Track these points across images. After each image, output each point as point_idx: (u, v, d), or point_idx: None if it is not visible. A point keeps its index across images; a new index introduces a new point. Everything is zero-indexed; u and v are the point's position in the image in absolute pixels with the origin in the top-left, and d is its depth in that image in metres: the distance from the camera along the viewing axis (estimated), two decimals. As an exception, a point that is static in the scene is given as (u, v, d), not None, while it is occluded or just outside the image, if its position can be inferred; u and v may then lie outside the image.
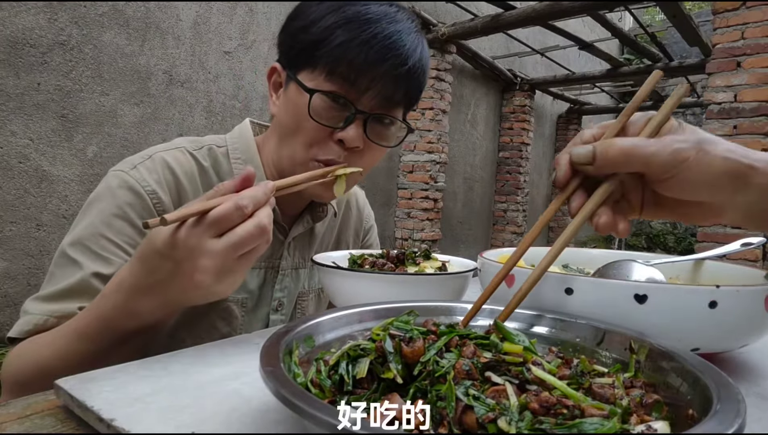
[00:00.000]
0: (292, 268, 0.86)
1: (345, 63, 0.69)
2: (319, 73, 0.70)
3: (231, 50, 3.42)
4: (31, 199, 2.54)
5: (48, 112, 2.57)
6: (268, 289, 0.84)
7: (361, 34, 0.68)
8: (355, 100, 0.71)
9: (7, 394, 0.62)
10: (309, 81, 0.71)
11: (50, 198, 2.61)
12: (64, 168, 2.65)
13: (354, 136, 0.71)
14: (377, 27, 0.69)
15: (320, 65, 0.70)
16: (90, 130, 2.74)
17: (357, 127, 0.71)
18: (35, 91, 2.52)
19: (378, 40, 0.68)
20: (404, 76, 0.71)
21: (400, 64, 0.70)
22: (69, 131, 2.66)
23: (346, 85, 0.70)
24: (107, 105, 2.80)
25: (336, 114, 0.71)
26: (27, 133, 2.51)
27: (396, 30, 0.70)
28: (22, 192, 2.51)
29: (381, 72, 0.69)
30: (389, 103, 0.73)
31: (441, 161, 4.96)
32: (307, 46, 0.71)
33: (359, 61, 0.68)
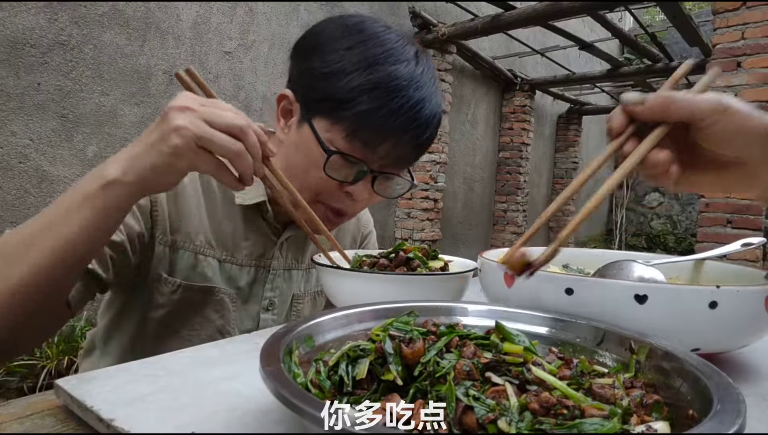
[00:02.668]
0: (284, 269, 0.87)
1: (368, 130, 0.69)
2: (338, 130, 0.70)
3: (231, 50, 3.42)
4: (31, 199, 2.54)
5: (48, 112, 2.57)
6: (259, 288, 0.84)
7: (388, 104, 0.68)
8: (369, 161, 0.72)
9: None
10: (324, 131, 0.71)
11: (50, 198, 2.61)
12: (64, 168, 2.65)
13: (362, 191, 0.74)
14: (404, 96, 0.69)
15: (341, 124, 0.70)
16: (90, 130, 2.74)
17: (366, 182, 0.74)
18: (35, 91, 2.52)
19: (404, 111, 0.69)
20: (423, 143, 0.74)
21: (421, 134, 0.72)
22: (69, 131, 2.66)
23: (365, 149, 0.71)
24: (107, 105, 2.80)
25: (347, 169, 0.73)
26: (27, 133, 2.51)
27: (420, 98, 0.70)
28: (22, 192, 2.51)
29: (401, 141, 0.71)
30: (401, 164, 0.76)
31: (441, 161, 4.96)
32: (330, 99, 0.70)
33: (382, 130, 0.69)
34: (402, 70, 0.69)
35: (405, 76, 0.69)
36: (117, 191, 0.55)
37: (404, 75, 0.69)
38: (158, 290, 0.77)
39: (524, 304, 0.51)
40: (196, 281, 0.78)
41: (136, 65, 2.91)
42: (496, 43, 6.05)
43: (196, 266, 0.78)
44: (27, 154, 2.52)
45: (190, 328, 0.78)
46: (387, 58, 0.69)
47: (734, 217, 3.07)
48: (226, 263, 0.81)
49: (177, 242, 0.77)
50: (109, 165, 0.55)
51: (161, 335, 0.78)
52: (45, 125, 2.57)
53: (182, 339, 0.78)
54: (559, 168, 7.98)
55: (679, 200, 9.04)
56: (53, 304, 0.61)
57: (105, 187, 0.54)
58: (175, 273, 0.77)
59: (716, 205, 3.14)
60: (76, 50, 2.65)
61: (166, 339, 0.77)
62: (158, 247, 0.76)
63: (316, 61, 0.72)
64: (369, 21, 0.74)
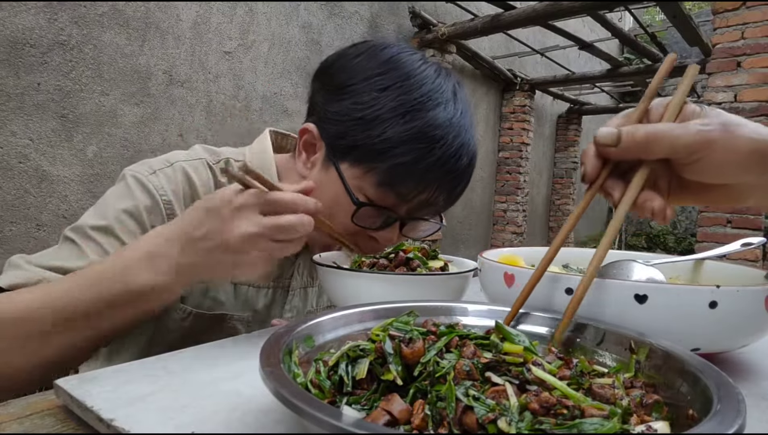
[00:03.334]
0: (301, 287, 0.85)
1: (404, 183, 0.65)
2: (369, 179, 0.66)
3: (231, 50, 3.42)
4: (31, 199, 2.54)
5: (48, 112, 2.57)
6: (277, 309, 0.82)
7: (427, 156, 0.64)
8: (400, 210, 0.69)
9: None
10: (354, 178, 0.67)
11: (50, 198, 2.61)
12: (64, 168, 2.65)
13: (390, 238, 0.71)
14: (443, 146, 0.64)
15: (374, 174, 0.66)
16: (90, 130, 2.74)
17: (394, 229, 0.71)
18: (35, 91, 2.52)
19: (443, 161, 0.65)
20: (456, 193, 0.70)
21: (458, 183, 0.69)
22: (69, 131, 2.66)
23: (398, 200, 0.67)
24: (107, 105, 2.80)
25: (376, 217, 0.69)
26: (27, 133, 2.51)
27: (460, 144, 0.66)
28: (22, 192, 2.51)
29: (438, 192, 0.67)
30: (434, 211, 0.72)
31: (441, 161, 4.96)
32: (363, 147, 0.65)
33: (420, 183, 0.66)
34: (441, 116, 0.65)
35: (444, 124, 0.65)
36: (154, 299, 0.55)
37: (444, 122, 0.65)
38: (169, 315, 0.74)
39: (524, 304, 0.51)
40: (207, 308, 0.75)
41: (136, 65, 2.91)
42: (496, 42, 6.05)
43: (208, 291, 0.75)
44: (27, 154, 2.52)
45: None
46: (425, 102, 0.64)
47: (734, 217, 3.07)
48: (242, 286, 0.78)
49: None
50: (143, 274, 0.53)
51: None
52: (45, 125, 2.57)
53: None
54: (559, 168, 7.98)
55: (679, 200, 9.02)
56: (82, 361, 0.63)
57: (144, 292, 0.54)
58: (187, 299, 0.74)
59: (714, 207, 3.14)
60: (76, 50, 2.65)
61: None
62: None
63: (347, 102, 0.67)
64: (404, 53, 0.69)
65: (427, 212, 0.72)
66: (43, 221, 2.59)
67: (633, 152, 0.45)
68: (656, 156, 0.45)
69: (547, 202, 7.95)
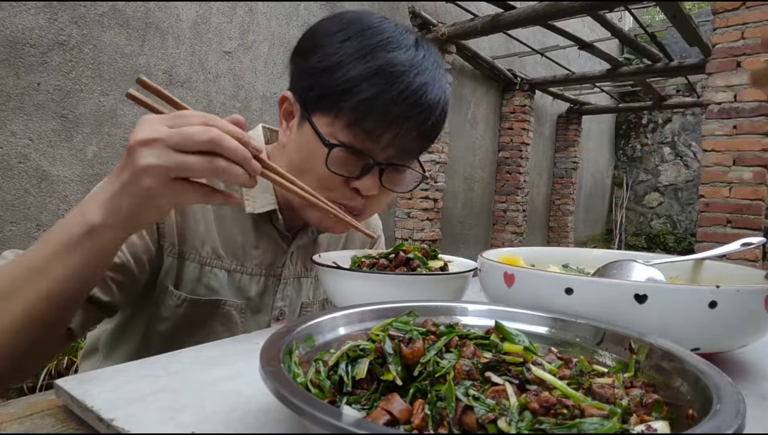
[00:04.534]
0: (294, 277, 0.86)
1: (370, 119, 0.67)
2: (338, 122, 0.68)
3: (231, 50, 3.42)
4: (31, 199, 2.54)
5: (48, 112, 2.57)
6: (269, 297, 0.83)
7: (389, 90, 0.66)
8: (374, 153, 0.70)
9: None
10: (326, 126, 0.69)
11: (50, 198, 2.61)
12: (64, 168, 2.65)
13: (370, 186, 0.71)
14: (405, 81, 0.66)
15: (341, 115, 0.68)
16: (90, 130, 2.74)
17: (373, 176, 0.71)
18: (35, 91, 2.52)
19: (405, 95, 0.66)
20: (428, 130, 0.70)
21: (425, 120, 0.69)
22: (69, 131, 2.66)
23: (367, 139, 0.68)
24: (107, 105, 2.80)
25: (352, 164, 0.70)
26: (27, 133, 2.51)
27: (423, 82, 0.68)
28: (22, 192, 2.51)
29: (404, 129, 0.68)
30: (407, 154, 0.73)
31: (441, 161, 4.96)
32: (329, 93, 0.68)
33: (384, 118, 0.67)
34: (401, 56, 0.67)
35: (405, 62, 0.67)
36: (101, 237, 0.52)
37: (404, 61, 0.67)
38: (164, 303, 0.75)
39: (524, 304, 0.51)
40: (201, 294, 0.76)
41: (135, 65, 2.91)
42: (496, 42, 6.05)
43: (201, 278, 0.76)
44: (27, 154, 2.52)
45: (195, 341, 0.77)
46: (385, 45, 0.67)
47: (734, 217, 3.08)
48: (235, 273, 0.79)
49: (184, 253, 0.75)
50: (90, 207, 0.51)
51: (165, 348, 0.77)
52: (45, 125, 2.57)
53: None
54: (559, 168, 7.98)
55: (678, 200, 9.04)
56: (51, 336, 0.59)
57: (88, 233, 0.51)
58: (181, 286, 0.75)
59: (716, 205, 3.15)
60: (75, 50, 2.65)
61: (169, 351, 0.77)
62: (167, 258, 0.74)
63: (314, 58, 0.70)
64: (366, 14, 0.72)
65: (402, 158, 0.72)
66: (43, 221, 2.59)
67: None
68: None
69: (547, 202, 7.95)
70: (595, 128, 9.19)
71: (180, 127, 0.49)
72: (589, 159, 8.98)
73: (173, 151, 0.48)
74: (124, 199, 0.50)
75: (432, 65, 0.70)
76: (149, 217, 0.53)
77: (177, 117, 0.50)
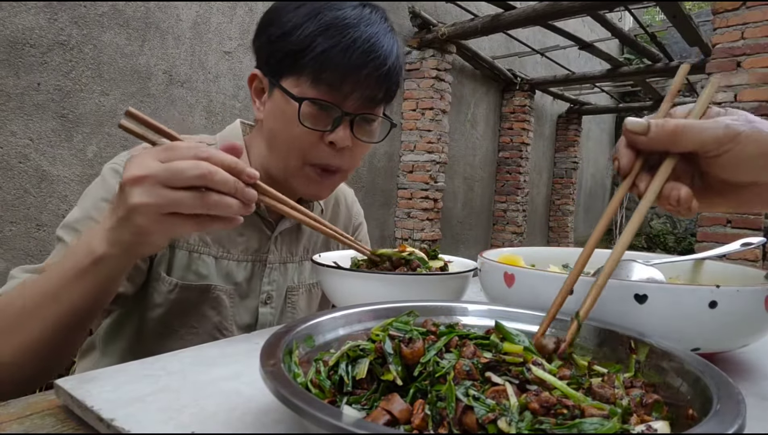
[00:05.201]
0: (279, 263, 0.88)
1: (329, 70, 0.71)
2: (304, 81, 0.72)
3: (231, 50, 3.42)
4: (31, 199, 2.54)
5: (48, 112, 2.57)
6: (256, 282, 0.85)
7: (342, 40, 0.70)
8: (341, 104, 0.74)
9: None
10: (293, 88, 0.73)
11: (50, 198, 2.61)
12: (64, 168, 2.65)
13: (343, 137, 0.74)
14: (356, 32, 0.71)
15: (304, 73, 0.72)
16: (90, 130, 2.74)
17: (345, 128, 0.75)
18: (35, 91, 2.52)
19: (358, 44, 0.71)
20: (384, 76, 0.74)
21: (381, 66, 0.73)
22: (69, 131, 2.66)
23: (332, 90, 0.72)
24: (107, 105, 2.80)
25: (324, 118, 0.74)
26: (27, 133, 2.51)
27: (373, 32, 0.73)
28: (22, 192, 2.51)
29: (363, 75, 0.72)
30: (372, 102, 0.76)
31: (441, 161, 4.96)
32: (289, 54, 0.72)
33: (343, 66, 0.71)
34: (350, 12, 0.73)
35: (354, 16, 0.72)
36: (107, 265, 0.55)
37: (353, 15, 0.72)
38: (156, 290, 0.77)
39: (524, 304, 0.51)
40: (191, 280, 0.79)
41: (135, 65, 2.91)
42: (496, 42, 6.05)
43: (191, 265, 0.79)
44: (27, 154, 2.52)
45: (188, 326, 0.79)
46: (333, 6, 0.73)
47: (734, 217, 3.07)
48: (222, 260, 0.81)
49: (174, 241, 0.78)
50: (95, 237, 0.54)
51: (160, 335, 0.78)
52: (45, 125, 2.57)
53: (181, 338, 0.78)
54: (559, 168, 7.98)
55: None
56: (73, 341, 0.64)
57: (94, 263, 0.54)
58: (172, 272, 0.78)
59: (716, 205, 3.14)
60: (76, 50, 2.65)
61: (165, 338, 0.78)
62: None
63: (271, 29, 0.75)
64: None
65: (368, 107, 0.76)
66: (43, 221, 2.59)
67: (662, 143, 0.45)
68: (685, 148, 0.45)
69: (547, 202, 7.95)
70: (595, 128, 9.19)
71: (170, 161, 0.48)
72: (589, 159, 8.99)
73: (163, 187, 0.48)
74: (122, 234, 0.52)
75: (380, 20, 0.76)
76: (147, 250, 0.56)
77: (168, 150, 0.50)
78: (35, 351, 0.57)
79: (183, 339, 0.78)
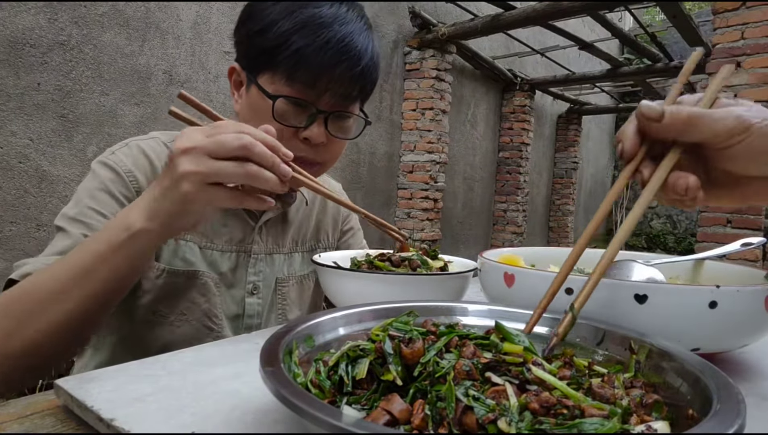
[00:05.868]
0: (265, 253, 0.88)
1: (303, 68, 0.72)
2: (279, 78, 0.74)
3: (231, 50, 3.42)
4: (31, 199, 2.54)
5: (48, 112, 2.57)
6: (242, 273, 0.86)
7: (316, 39, 0.72)
8: (315, 101, 0.75)
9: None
10: (269, 84, 0.75)
11: (50, 198, 2.61)
12: (64, 168, 2.65)
13: (317, 134, 0.76)
14: (330, 31, 0.72)
15: (279, 70, 0.73)
16: (90, 130, 2.74)
17: (319, 125, 0.76)
18: (35, 91, 2.52)
19: (332, 44, 0.72)
20: (359, 75, 0.76)
21: (354, 65, 0.75)
22: (69, 131, 2.66)
23: (306, 88, 0.74)
24: (107, 105, 2.80)
25: (298, 115, 0.76)
26: (27, 133, 2.51)
27: (348, 32, 0.74)
28: (22, 192, 2.51)
29: (337, 74, 0.74)
30: (346, 100, 0.78)
31: (441, 161, 4.96)
32: (265, 51, 0.74)
33: (316, 65, 0.72)
34: (326, 11, 0.74)
35: (329, 15, 0.73)
36: (143, 239, 0.57)
37: (328, 14, 0.73)
38: (144, 276, 0.78)
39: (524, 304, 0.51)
40: (178, 266, 0.79)
41: (136, 65, 2.91)
42: (496, 43, 6.05)
43: (177, 251, 0.80)
44: (27, 154, 2.52)
45: (178, 313, 0.79)
46: (310, 3, 0.74)
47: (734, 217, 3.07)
48: (206, 249, 0.82)
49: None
50: (132, 213, 0.57)
51: (150, 322, 0.78)
52: (45, 125, 2.57)
53: (171, 325, 0.79)
54: (559, 168, 7.98)
55: (679, 200, 9.03)
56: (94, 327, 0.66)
57: (132, 237, 0.56)
58: (160, 258, 0.79)
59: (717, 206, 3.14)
60: (76, 50, 2.65)
61: (155, 326, 0.78)
62: None
63: (249, 24, 0.77)
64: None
65: (342, 105, 0.78)
66: (43, 221, 2.59)
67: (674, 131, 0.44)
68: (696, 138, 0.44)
69: (547, 202, 7.95)
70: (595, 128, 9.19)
71: (215, 135, 0.53)
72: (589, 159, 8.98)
73: (209, 157, 0.52)
74: (164, 204, 0.55)
75: (356, 18, 0.77)
76: (184, 222, 0.58)
77: (214, 127, 0.55)
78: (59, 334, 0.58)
79: (173, 326, 0.78)
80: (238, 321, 0.85)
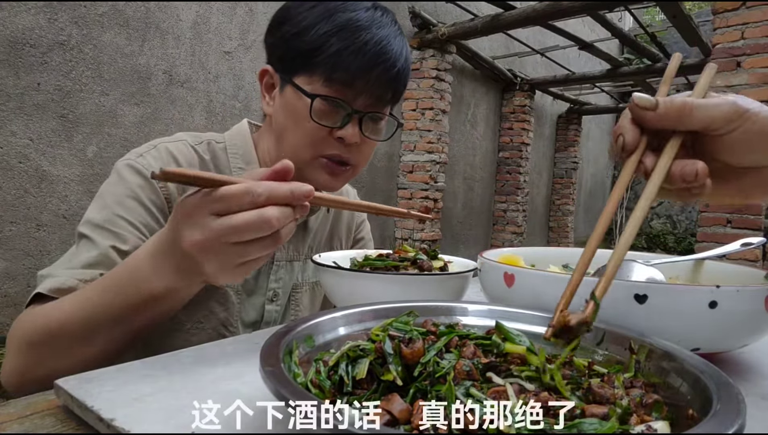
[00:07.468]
0: (286, 260, 0.89)
1: (341, 70, 0.73)
2: (316, 79, 0.75)
3: (231, 50, 3.42)
4: (31, 199, 2.54)
5: (48, 112, 2.57)
6: (264, 280, 0.86)
7: (355, 42, 0.73)
8: (351, 102, 0.76)
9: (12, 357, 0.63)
10: (306, 85, 0.75)
11: (50, 198, 2.61)
12: (64, 168, 2.65)
13: (352, 134, 0.77)
14: (368, 34, 0.74)
15: (317, 71, 0.74)
16: (90, 130, 2.74)
17: (353, 125, 0.77)
18: (35, 91, 2.52)
19: (370, 46, 0.74)
20: (393, 77, 0.77)
21: (390, 68, 0.76)
22: (69, 131, 2.66)
23: (344, 89, 0.75)
24: (107, 105, 2.80)
25: (334, 115, 0.76)
26: (27, 133, 2.51)
27: (384, 35, 0.75)
28: (22, 192, 2.51)
29: (374, 76, 0.75)
30: (380, 102, 0.79)
31: (441, 161, 4.96)
32: (303, 53, 0.75)
33: (354, 67, 0.74)
34: (362, 15, 0.75)
35: (366, 19, 0.75)
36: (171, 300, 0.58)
37: (365, 18, 0.75)
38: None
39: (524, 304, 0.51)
40: None
41: (135, 65, 2.91)
42: (496, 43, 6.05)
43: None
44: (27, 154, 2.52)
45: (195, 320, 0.79)
46: (348, 6, 0.76)
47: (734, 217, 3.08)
48: None
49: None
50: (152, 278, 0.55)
51: (167, 329, 0.78)
52: (45, 125, 2.57)
53: (187, 333, 0.78)
54: (559, 168, 7.98)
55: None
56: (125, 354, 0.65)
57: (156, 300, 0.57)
58: None
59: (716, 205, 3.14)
60: (76, 50, 2.65)
61: (172, 333, 0.78)
62: None
63: (285, 28, 0.77)
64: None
65: (377, 106, 0.79)
66: (43, 221, 2.59)
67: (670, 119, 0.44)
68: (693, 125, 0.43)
69: (547, 202, 7.95)
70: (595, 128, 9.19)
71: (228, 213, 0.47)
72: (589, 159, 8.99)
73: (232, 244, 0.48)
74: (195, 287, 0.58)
75: (390, 23, 0.78)
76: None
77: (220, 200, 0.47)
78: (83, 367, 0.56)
79: (188, 333, 0.78)
80: (255, 327, 0.85)
